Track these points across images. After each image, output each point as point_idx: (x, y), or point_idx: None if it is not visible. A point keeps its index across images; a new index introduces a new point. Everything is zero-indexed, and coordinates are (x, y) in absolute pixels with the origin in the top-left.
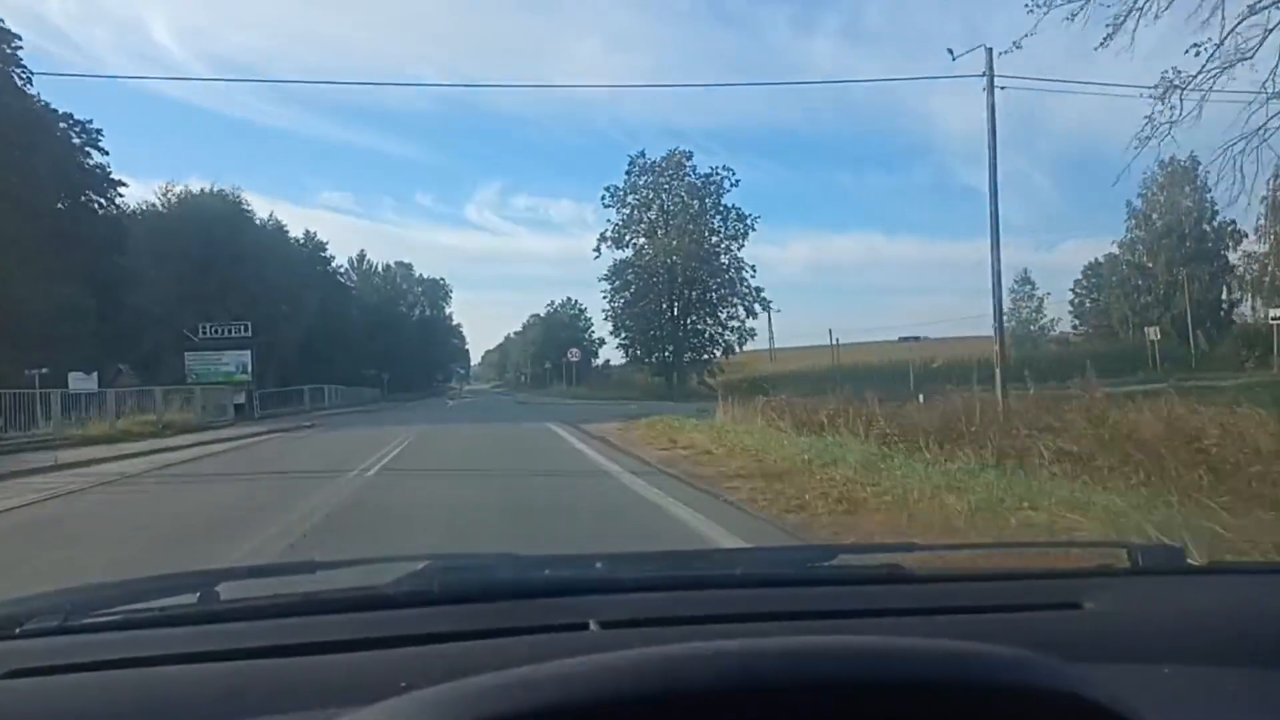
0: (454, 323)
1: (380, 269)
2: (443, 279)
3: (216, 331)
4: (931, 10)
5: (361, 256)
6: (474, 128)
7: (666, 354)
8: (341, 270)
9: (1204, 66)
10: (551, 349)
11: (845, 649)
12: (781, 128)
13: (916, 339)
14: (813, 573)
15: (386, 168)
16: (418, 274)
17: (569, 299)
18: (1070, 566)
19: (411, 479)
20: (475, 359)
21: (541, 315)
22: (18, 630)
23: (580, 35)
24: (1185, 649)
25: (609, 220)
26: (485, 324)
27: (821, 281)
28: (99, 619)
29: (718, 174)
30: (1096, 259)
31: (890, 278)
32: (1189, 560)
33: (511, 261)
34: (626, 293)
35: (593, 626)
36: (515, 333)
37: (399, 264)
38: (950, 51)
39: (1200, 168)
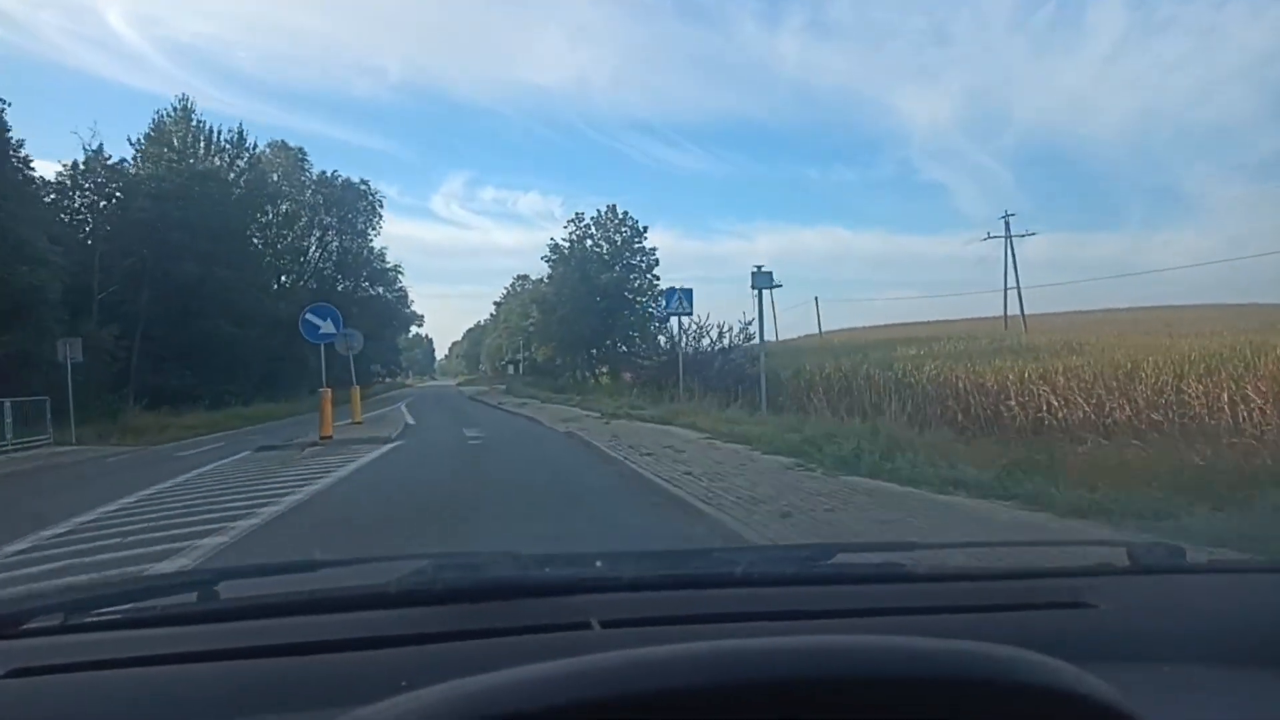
0: (388, 264)
1: (227, 141)
2: (366, 182)
3: None
4: (895, 4)
5: (179, 107)
6: (440, 119)
7: None
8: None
9: None
10: (583, 305)
11: (843, 647)
12: (750, 121)
13: None
14: (813, 571)
15: (351, 159)
16: (326, 171)
17: (612, 207)
18: (1069, 565)
19: None
20: (441, 353)
21: (540, 270)
22: (19, 629)
23: (546, 28)
24: (1185, 648)
25: None
26: (451, 319)
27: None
28: (100, 618)
29: None
30: None
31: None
32: (1189, 559)
33: (478, 255)
34: None
35: (594, 625)
36: (496, 303)
37: (275, 145)
38: None
39: None
